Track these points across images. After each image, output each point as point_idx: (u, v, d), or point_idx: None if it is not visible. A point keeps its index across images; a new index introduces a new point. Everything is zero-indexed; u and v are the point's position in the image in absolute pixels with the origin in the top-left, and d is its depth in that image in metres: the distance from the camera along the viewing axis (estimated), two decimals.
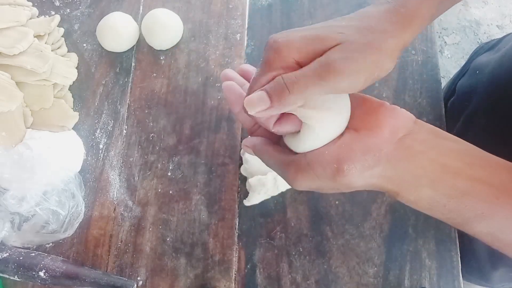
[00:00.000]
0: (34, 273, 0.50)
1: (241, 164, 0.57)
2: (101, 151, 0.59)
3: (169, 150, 0.58)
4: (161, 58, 0.63)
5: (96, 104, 0.61)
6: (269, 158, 0.35)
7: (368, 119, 0.32)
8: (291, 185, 0.33)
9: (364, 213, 0.55)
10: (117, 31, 0.60)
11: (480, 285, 0.76)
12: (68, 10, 0.66)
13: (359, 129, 0.32)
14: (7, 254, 0.52)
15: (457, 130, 0.66)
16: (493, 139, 0.47)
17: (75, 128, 0.59)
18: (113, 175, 0.58)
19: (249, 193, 0.55)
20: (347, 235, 0.55)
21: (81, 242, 0.55)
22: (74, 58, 0.62)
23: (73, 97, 0.61)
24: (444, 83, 0.73)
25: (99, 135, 0.59)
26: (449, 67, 1.60)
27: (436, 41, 0.64)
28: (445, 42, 1.64)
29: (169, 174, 0.57)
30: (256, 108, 0.31)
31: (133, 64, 0.63)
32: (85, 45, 0.64)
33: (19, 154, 0.54)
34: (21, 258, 0.51)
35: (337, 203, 0.56)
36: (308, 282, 0.53)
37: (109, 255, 0.54)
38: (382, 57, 0.30)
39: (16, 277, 0.51)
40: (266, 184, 0.53)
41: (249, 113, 0.31)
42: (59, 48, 0.62)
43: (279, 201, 0.56)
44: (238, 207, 0.56)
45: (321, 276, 0.53)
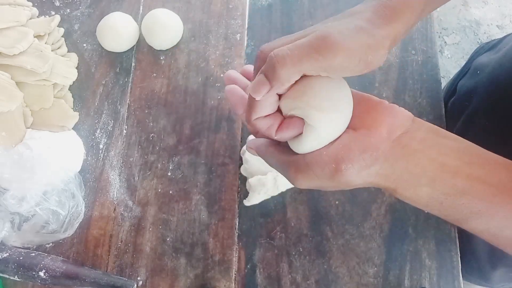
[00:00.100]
0: (34, 273, 0.50)
1: (241, 164, 0.57)
2: (101, 151, 0.59)
3: (169, 150, 0.58)
4: (161, 58, 0.63)
5: (96, 104, 0.61)
6: (272, 158, 0.35)
7: (366, 118, 0.32)
8: (293, 184, 0.34)
9: (364, 213, 0.55)
10: (117, 31, 0.60)
11: (480, 285, 0.76)
12: (68, 10, 0.66)
13: (357, 128, 0.32)
14: (7, 254, 0.52)
15: (457, 130, 0.66)
16: (493, 139, 0.47)
17: (75, 128, 0.59)
18: (113, 175, 0.58)
19: (249, 193, 0.55)
20: (347, 235, 0.55)
21: (81, 242, 0.55)
22: (74, 58, 0.62)
23: (73, 97, 0.61)
24: (444, 83, 0.73)
25: (99, 135, 0.59)
26: (449, 67, 1.60)
27: (436, 41, 0.64)
28: (445, 42, 1.64)
29: (169, 174, 0.57)
30: (261, 91, 0.31)
31: (133, 64, 0.63)
32: (85, 45, 0.64)
33: (19, 154, 0.54)
34: (21, 258, 0.51)
35: (337, 203, 0.56)
36: (308, 282, 0.53)
37: (109, 255, 0.54)
38: (375, 41, 0.31)
39: (16, 277, 0.51)
40: (266, 184, 0.53)
41: (257, 98, 0.31)
42: (59, 48, 0.62)
43: (279, 201, 0.56)
44: (238, 207, 0.56)
45: (321, 276, 0.53)
